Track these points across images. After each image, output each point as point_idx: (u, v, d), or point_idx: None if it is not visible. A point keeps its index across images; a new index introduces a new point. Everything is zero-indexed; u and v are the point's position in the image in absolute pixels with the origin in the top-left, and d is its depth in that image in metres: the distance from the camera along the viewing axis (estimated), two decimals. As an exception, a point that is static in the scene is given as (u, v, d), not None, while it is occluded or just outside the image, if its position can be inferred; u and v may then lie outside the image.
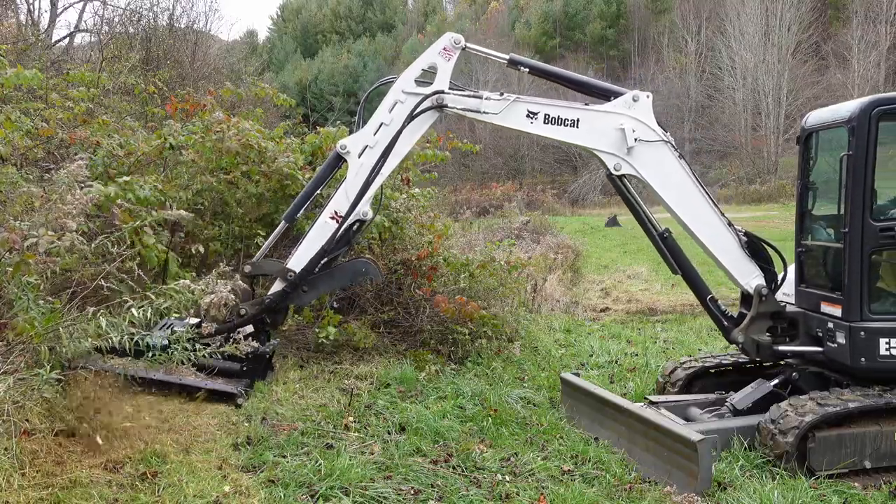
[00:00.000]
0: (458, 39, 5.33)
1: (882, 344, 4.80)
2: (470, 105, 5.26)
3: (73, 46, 18.68)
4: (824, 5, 49.48)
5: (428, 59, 5.31)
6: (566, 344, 8.75)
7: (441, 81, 5.27)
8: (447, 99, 5.25)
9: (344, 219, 5.25)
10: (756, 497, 4.21)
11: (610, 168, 5.24)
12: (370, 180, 5.25)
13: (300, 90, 60.53)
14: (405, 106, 5.25)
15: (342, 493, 3.99)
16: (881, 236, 4.83)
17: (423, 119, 5.30)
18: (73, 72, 7.96)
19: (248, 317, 5.22)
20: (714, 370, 6.16)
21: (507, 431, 5.38)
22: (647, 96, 5.25)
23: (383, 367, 6.57)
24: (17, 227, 3.91)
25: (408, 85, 5.28)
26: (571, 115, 5.23)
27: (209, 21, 50.02)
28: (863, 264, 4.86)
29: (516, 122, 5.30)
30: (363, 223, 5.46)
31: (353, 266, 5.63)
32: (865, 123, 4.81)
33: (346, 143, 5.34)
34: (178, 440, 4.38)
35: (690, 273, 5.40)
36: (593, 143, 5.25)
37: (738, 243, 5.29)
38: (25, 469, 3.63)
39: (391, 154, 5.26)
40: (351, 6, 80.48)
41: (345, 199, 5.26)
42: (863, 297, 4.86)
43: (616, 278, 14.84)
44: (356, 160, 5.31)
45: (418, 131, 5.36)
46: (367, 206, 5.35)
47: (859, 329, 4.84)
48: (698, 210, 5.26)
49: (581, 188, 46.65)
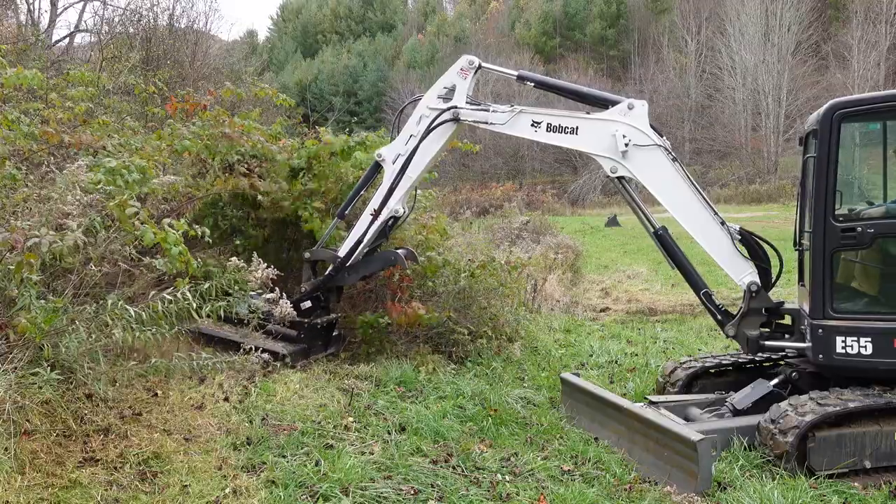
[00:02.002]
0: (472, 61, 6.10)
1: (838, 342, 4.90)
2: (480, 118, 6.00)
3: (73, 46, 18.71)
4: (824, 5, 49.51)
5: (448, 79, 6.16)
6: (566, 344, 8.75)
7: (459, 97, 6.06)
8: (462, 112, 6.03)
9: (375, 215, 6.24)
10: (756, 497, 4.21)
11: (607, 171, 5.64)
12: (395, 183, 6.16)
13: (300, 90, 60.57)
14: (428, 119, 6.09)
15: (342, 493, 3.99)
16: (842, 236, 4.94)
17: (442, 130, 6.09)
18: (72, 72, 7.95)
19: (306, 293, 6.46)
20: (714, 370, 6.16)
21: (507, 431, 5.39)
22: (643, 105, 5.60)
23: (383, 367, 6.57)
24: (17, 226, 3.91)
25: (431, 101, 6.16)
26: (571, 123, 5.74)
27: (209, 21, 50.08)
28: (824, 264, 4.99)
29: (522, 130, 5.94)
30: (396, 219, 6.42)
31: (385, 255, 6.60)
32: (827, 126, 4.96)
33: (382, 152, 6.34)
34: (178, 440, 4.38)
35: (686, 268, 5.66)
36: (591, 149, 5.71)
37: (731, 241, 5.46)
38: (25, 469, 3.63)
39: (414, 160, 6.12)
40: (351, 6, 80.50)
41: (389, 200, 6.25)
42: (825, 296, 4.98)
43: (616, 278, 14.83)
44: (391, 166, 6.26)
45: (439, 141, 6.14)
46: (399, 204, 6.29)
47: (818, 327, 4.98)
48: (691, 210, 5.50)
49: (581, 188, 46.66)
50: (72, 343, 4.12)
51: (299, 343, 6.39)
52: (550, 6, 68.40)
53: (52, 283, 4.76)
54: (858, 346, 4.84)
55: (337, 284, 6.62)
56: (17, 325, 3.88)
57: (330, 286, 6.55)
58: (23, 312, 3.95)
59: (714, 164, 46.60)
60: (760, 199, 38.09)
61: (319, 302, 6.52)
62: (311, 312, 6.44)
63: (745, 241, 5.52)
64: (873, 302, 5.08)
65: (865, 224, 4.92)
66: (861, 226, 4.91)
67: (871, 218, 5.09)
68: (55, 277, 4.82)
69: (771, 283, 5.60)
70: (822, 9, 48.94)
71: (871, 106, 5.06)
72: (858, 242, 4.92)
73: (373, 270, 6.69)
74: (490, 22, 74.18)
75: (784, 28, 45.80)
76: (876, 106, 5.05)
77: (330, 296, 6.64)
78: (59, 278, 4.83)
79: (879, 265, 5.05)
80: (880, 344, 4.79)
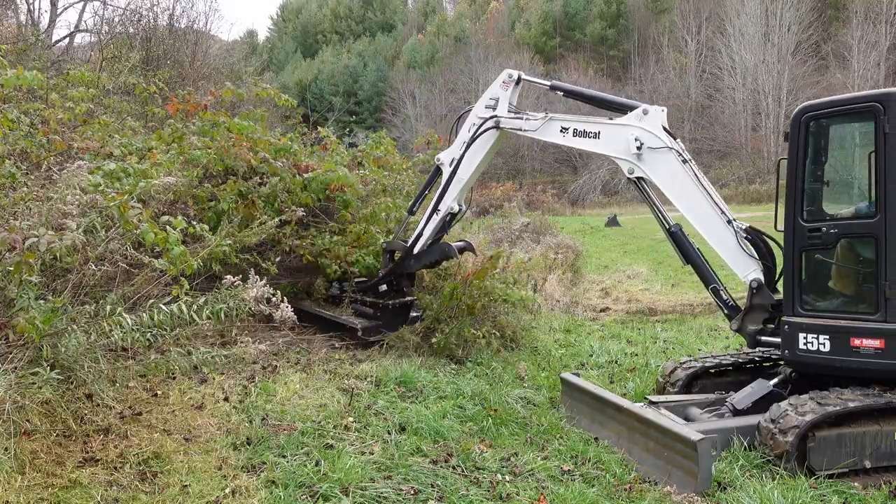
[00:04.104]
0: (511, 74, 6.80)
1: (801, 338, 5.07)
2: (516, 125, 6.65)
3: (73, 46, 18.71)
4: (824, 5, 49.51)
5: (492, 91, 6.86)
6: (566, 344, 8.75)
7: (501, 107, 6.75)
8: (502, 121, 6.72)
9: (431, 212, 7.08)
10: (756, 497, 4.21)
11: (625, 172, 6.02)
12: (448, 183, 6.96)
13: (300, 90, 60.64)
14: (475, 127, 6.83)
15: (342, 493, 3.99)
16: (809, 236, 5.09)
17: (487, 136, 6.79)
18: (73, 72, 7.94)
19: (381, 278, 7.42)
20: (714, 370, 6.17)
21: (507, 431, 5.39)
22: (657, 110, 5.94)
23: (382, 367, 6.57)
24: (16, 226, 3.90)
25: (480, 111, 6.87)
26: (594, 128, 6.20)
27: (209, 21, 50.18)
28: (794, 262, 5.18)
29: (552, 136, 6.50)
30: (454, 215, 7.21)
31: (441, 247, 7.33)
32: (796, 129, 5.16)
33: (441, 156, 7.13)
34: (178, 440, 4.38)
35: (696, 264, 5.90)
36: (611, 151, 6.11)
37: (736, 239, 5.61)
38: (25, 469, 3.63)
39: (463, 163, 6.88)
40: (351, 6, 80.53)
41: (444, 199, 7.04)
42: (794, 294, 5.17)
43: (616, 278, 14.82)
44: (447, 168, 7.03)
45: (484, 147, 6.84)
46: (454, 202, 7.06)
47: (786, 323, 5.18)
48: (699, 208, 5.71)
49: (581, 188, 46.69)
50: (71, 343, 4.12)
51: (374, 320, 7.31)
52: (550, 6, 68.41)
53: (51, 282, 4.76)
54: (818, 344, 4.99)
55: (405, 271, 7.43)
56: (17, 326, 3.88)
57: (400, 272, 7.40)
58: (22, 312, 3.94)
59: (714, 164, 46.56)
60: (760, 199, 38.03)
61: (393, 286, 7.44)
62: (387, 294, 7.41)
63: (752, 239, 5.62)
64: (834, 301, 5.18)
65: (829, 224, 5.05)
66: (825, 226, 5.05)
67: (835, 218, 5.21)
68: (54, 277, 4.81)
69: (775, 281, 5.66)
70: (822, 9, 48.94)
71: (838, 108, 5.13)
72: (823, 242, 5.06)
73: (432, 259, 7.41)
74: (490, 22, 74.19)
75: (784, 28, 45.81)
76: (842, 108, 5.13)
77: (402, 280, 7.48)
78: (58, 278, 4.82)
79: (841, 265, 5.15)
80: (837, 342, 4.90)
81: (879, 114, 4.78)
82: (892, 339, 4.70)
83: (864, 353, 4.78)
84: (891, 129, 4.73)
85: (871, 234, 4.83)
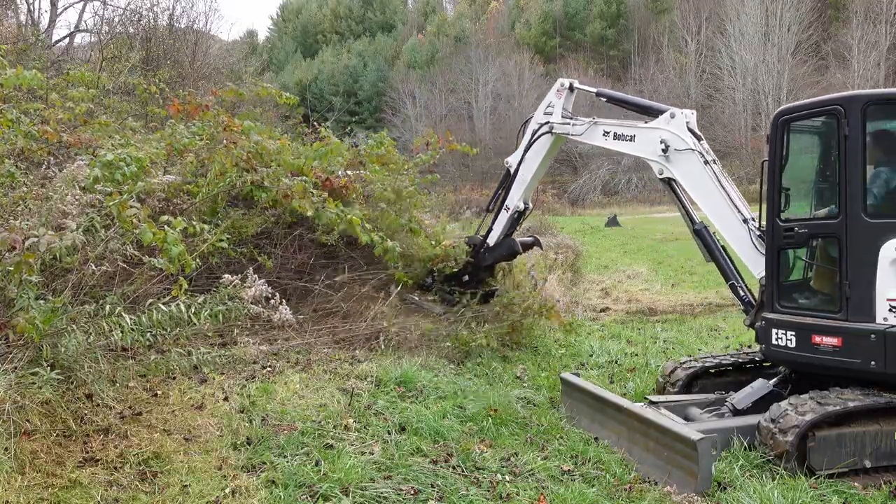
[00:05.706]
0: (564, 83, 7.36)
1: (773, 334, 5.24)
2: (565, 130, 7.20)
3: (73, 46, 18.72)
4: (824, 5, 49.51)
5: (548, 99, 7.45)
6: (566, 344, 8.75)
7: (556, 113, 7.33)
8: (555, 126, 7.31)
9: (498, 210, 7.89)
10: (756, 497, 4.20)
11: (656, 172, 6.32)
12: (511, 183, 7.71)
13: (300, 90, 60.54)
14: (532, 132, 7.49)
15: (342, 493, 3.99)
16: (784, 235, 5.25)
17: (543, 140, 7.43)
18: (73, 72, 7.95)
19: (462, 270, 8.14)
20: (714, 370, 6.17)
21: (507, 431, 5.38)
22: (684, 113, 6.20)
23: (382, 367, 6.56)
24: (16, 226, 3.91)
25: (539, 118, 7.49)
26: (630, 132, 6.61)
27: (209, 21, 50.15)
28: (772, 260, 5.35)
29: (596, 139, 6.97)
30: (521, 213, 7.89)
31: (508, 242, 7.99)
32: (774, 130, 5.31)
33: (509, 160, 7.81)
34: (178, 440, 4.38)
35: (718, 261, 6.09)
36: (644, 153, 6.44)
37: (750, 237, 5.74)
38: (25, 469, 3.63)
39: (523, 165, 7.58)
40: (351, 6, 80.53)
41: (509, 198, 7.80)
42: (773, 291, 5.34)
43: (616, 278, 14.82)
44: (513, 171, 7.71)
45: (541, 150, 7.48)
46: (520, 201, 7.76)
47: (764, 318, 5.36)
48: (717, 208, 5.96)
49: (581, 188, 46.68)
50: (71, 343, 4.12)
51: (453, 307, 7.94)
52: (550, 6, 68.42)
53: (51, 282, 4.76)
54: (786, 339, 5.14)
55: (481, 264, 8.12)
56: (17, 326, 3.88)
57: (477, 264, 8.10)
58: (22, 312, 3.94)
59: (714, 164, 46.56)
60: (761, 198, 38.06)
61: (472, 275, 8.15)
62: (469, 284, 8.08)
63: None
64: (805, 299, 5.31)
65: (801, 224, 5.20)
66: (797, 226, 5.19)
67: (806, 218, 5.35)
68: (54, 277, 4.81)
69: None
70: (822, 9, 48.94)
71: (809, 111, 5.23)
72: (796, 241, 5.22)
73: (501, 253, 8.08)
74: (490, 22, 74.20)
75: (784, 28, 45.81)
76: (812, 111, 5.22)
77: (480, 272, 8.17)
78: (58, 278, 4.82)
79: (810, 264, 5.29)
80: (801, 339, 5.05)
81: (840, 116, 4.88)
82: (849, 338, 4.80)
83: (823, 351, 4.91)
84: (850, 131, 4.83)
85: (834, 235, 4.96)
